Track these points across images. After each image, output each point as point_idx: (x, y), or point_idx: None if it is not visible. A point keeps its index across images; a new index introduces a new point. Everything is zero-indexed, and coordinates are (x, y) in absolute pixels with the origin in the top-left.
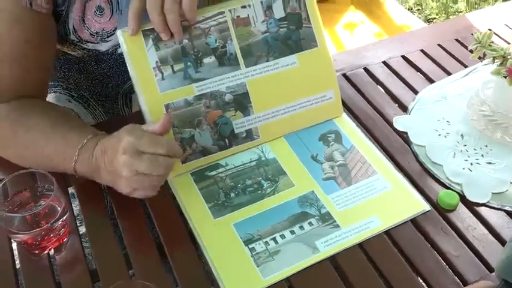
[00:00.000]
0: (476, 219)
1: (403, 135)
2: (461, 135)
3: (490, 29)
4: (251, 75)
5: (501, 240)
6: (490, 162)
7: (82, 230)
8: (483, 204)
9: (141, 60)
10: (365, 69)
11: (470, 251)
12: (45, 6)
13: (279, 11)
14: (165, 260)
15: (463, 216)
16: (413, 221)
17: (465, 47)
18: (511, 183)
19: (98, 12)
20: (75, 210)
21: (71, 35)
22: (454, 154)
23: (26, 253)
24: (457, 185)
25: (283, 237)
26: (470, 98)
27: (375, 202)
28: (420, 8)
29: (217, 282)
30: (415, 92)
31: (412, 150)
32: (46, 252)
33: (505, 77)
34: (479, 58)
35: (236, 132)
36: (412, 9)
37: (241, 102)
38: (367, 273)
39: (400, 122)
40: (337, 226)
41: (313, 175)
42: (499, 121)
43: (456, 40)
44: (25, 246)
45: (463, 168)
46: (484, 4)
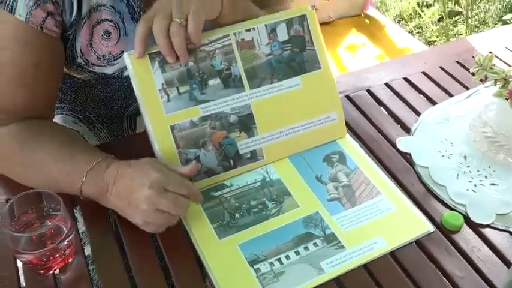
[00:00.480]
0: (480, 241)
1: (406, 156)
2: (465, 156)
3: (490, 52)
4: (255, 96)
5: (506, 262)
6: (493, 184)
7: (87, 250)
8: (487, 226)
9: (147, 82)
10: (368, 91)
11: (475, 272)
12: (55, 30)
13: (282, 34)
14: (170, 281)
15: (467, 238)
16: (417, 242)
17: (467, 69)
18: None
19: (105, 36)
20: (80, 231)
21: (78, 59)
22: (457, 175)
23: (31, 273)
24: (461, 206)
25: (288, 257)
26: (473, 119)
27: (380, 223)
28: (420, 30)
29: None
30: (418, 113)
31: (415, 171)
32: (51, 272)
33: (507, 99)
34: (481, 80)
35: (241, 153)
36: (412, 32)
37: (246, 123)
38: None
39: (404, 143)
40: (342, 247)
41: (318, 196)
42: (502, 142)
43: (457, 62)
44: (30, 266)
45: (467, 190)
46: (484, 27)
